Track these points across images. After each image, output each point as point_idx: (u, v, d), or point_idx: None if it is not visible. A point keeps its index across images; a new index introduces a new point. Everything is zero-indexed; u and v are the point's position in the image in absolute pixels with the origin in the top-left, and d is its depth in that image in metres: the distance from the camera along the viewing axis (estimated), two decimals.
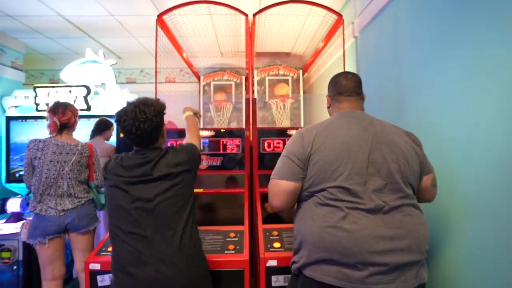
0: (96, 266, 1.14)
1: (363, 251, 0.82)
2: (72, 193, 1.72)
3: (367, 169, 0.91)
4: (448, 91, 1.23)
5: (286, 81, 4.09)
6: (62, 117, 1.74)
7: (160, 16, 2.25)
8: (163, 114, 1.14)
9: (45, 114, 1.99)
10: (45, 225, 1.65)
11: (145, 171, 1.05)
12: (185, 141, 1.31)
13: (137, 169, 1.05)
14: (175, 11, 2.26)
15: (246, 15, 2.25)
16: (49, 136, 1.76)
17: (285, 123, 3.95)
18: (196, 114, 1.55)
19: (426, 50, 1.39)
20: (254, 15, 2.23)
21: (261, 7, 2.27)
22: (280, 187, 0.98)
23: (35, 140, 1.71)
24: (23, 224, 1.78)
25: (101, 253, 1.22)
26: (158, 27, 2.25)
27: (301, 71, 4.04)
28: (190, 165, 1.12)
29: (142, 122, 1.04)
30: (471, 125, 1.09)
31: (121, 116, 1.06)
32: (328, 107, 1.17)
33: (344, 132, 0.96)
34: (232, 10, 2.25)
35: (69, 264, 2.35)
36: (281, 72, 4.09)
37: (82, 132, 2.42)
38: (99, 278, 1.16)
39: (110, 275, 1.12)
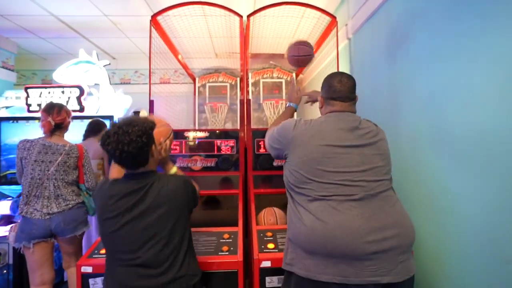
0: (88, 269, 1.12)
1: (356, 242, 0.85)
2: (59, 194, 1.68)
3: (355, 167, 0.95)
4: (441, 92, 1.24)
5: (280, 84, 4.15)
6: (57, 117, 1.73)
7: (154, 16, 2.24)
8: (150, 133, 1.04)
9: (37, 115, 1.96)
10: (30, 228, 1.60)
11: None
12: None
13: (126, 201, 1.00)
14: (169, 12, 2.25)
15: (241, 16, 2.25)
16: (40, 137, 1.75)
17: None
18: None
19: (419, 51, 1.41)
20: (249, 16, 2.23)
21: (256, 8, 2.28)
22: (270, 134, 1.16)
23: (24, 140, 1.70)
24: (11, 227, 1.75)
25: (94, 256, 1.20)
26: (152, 27, 2.24)
27: (294, 74, 4.09)
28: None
29: (126, 144, 0.96)
30: (465, 125, 1.11)
31: (105, 139, 1.00)
32: (320, 108, 1.19)
33: (332, 133, 1.01)
34: (227, 12, 2.25)
35: (61, 266, 2.32)
36: (275, 74, 4.17)
37: (75, 133, 2.39)
38: (91, 281, 1.15)
39: (103, 278, 1.11)
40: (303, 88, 4.17)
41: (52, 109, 1.73)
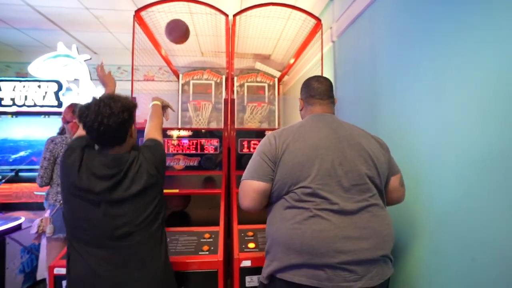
0: (61, 271, 1.08)
1: (331, 251, 0.85)
2: None
3: (335, 170, 0.93)
4: (421, 94, 1.28)
5: (263, 87, 4.22)
6: None
7: (137, 12, 2.19)
8: (132, 111, 1.02)
9: (8, 109, 1.91)
10: None
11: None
12: (146, 130, 1.22)
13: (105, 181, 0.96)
14: (153, 8, 2.21)
15: (227, 15, 2.24)
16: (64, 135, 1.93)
17: (262, 125, 4.06)
18: (165, 107, 1.47)
19: (400, 54, 1.45)
20: (235, 15, 2.23)
21: (242, 8, 2.28)
22: (251, 187, 0.98)
23: (55, 136, 1.90)
24: (41, 220, 1.77)
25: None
26: (135, 23, 2.19)
27: (276, 79, 4.23)
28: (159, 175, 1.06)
29: (106, 117, 0.92)
30: (443, 127, 1.14)
31: (83, 111, 0.94)
32: (301, 110, 1.20)
33: (313, 135, 0.99)
34: (213, 10, 2.24)
35: (33, 269, 2.22)
36: (258, 79, 4.27)
37: (54, 131, 2.30)
38: (64, 283, 1.11)
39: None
40: (289, 89, 4.21)
41: None
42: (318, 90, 1.11)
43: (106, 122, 0.92)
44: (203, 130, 2.18)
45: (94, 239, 0.94)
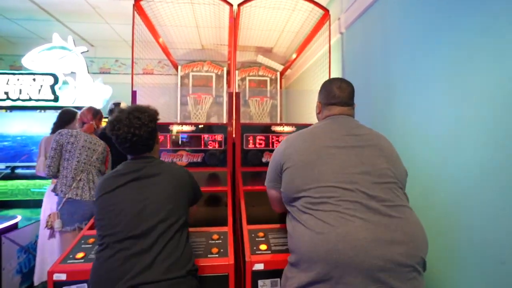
0: (61, 277, 1.01)
1: (360, 255, 0.76)
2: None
3: (356, 169, 0.87)
4: (435, 89, 1.23)
5: (265, 82, 4.13)
6: (98, 122, 2.06)
7: (137, 1, 2.08)
8: (157, 120, 1.13)
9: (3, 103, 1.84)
10: (83, 210, 1.76)
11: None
12: None
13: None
14: None
15: (231, 5, 2.14)
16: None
17: (264, 119, 3.98)
18: None
19: (414, 47, 1.39)
20: (239, 5, 2.13)
21: None
22: (270, 195, 1.12)
23: (67, 129, 1.90)
24: (50, 215, 1.79)
25: (68, 262, 1.08)
26: (135, 13, 2.08)
27: (278, 73, 4.15)
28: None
29: (137, 128, 1.02)
30: (458, 122, 1.10)
31: (114, 124, 1.03)
32: (318, 113, 1.14)
33: (324, 135, 0.96)
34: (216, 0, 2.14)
35: (31, 269, 2.15)
36: (260, 73, 4.17)
37: (50, 125, 2.20)
38: None
39: (79, 285, 1.00)
40: (293, 82, 4.12)
41: (97, 114, 2.06)
42: (339, 99, 1.05)
43: (138, 132, 1.03)
44: (205, 125, 2.10)
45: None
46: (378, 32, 1.72)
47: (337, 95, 1.05)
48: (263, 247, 1.20)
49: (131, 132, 1.01)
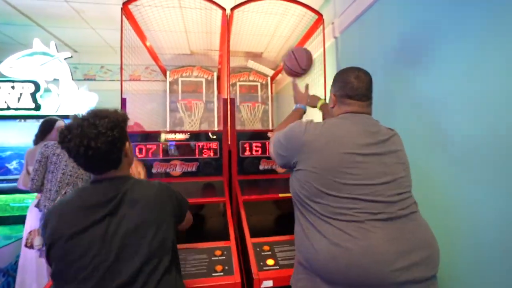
0: None
1: (384, 270, 0.72)
2: None
3: (377, 178, 0.82)
4: (439, 94, 1.21)
5: (256, 86, 4.10)
6: None
7: (125, 4, 2.00)
8: (124, 126, 0.87)
9: None
10: None
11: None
12: None
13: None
14: (140, 1, 2.03)
15: (224, 9, 2.09)
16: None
17: (256, 125, 3.93)
18: None
19: (413, 51, 1.37)
20: (232, 9, 2.08)
21: (238, 2, 2.13)
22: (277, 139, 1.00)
23: (55, 142, 1.79)
24: (30, 232, 1.66)
25: None
26: (123, 17, 1.99)
27: (269, 78, 4.10)
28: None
29: (92, 138, 0.78)
30: (460, 125, 1.09)
31: (64, 134, 0.79)
32: (332, 107, 1.03)
33: (350, 138, 0.87)
34: (208, 4, 2.08)
35: None
36: (251, 78, 4.13)
37: (31, 136, 2.06)
38: None
39: None
40: (284, 87, 4.10)
41: None
42: (357, 91, 0.95)
43: (94, 144, 0.78)
44: (199, 133, 2.02)
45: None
46: (376, 36, 1.71)
47: (355, 85, 0.94)
48: (270, 262, 1.13)
49: (83, 145, 0.77)
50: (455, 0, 1.13)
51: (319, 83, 2.27)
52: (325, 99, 2.08)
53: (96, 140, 0.78)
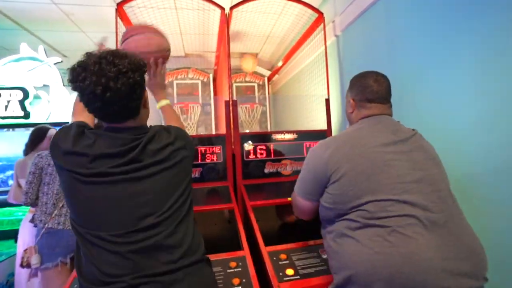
0: None
1: (429, 279, 0.67)
2: None
3: (410, 177, 0.78)
4: (447, 90, 1.18)
5: (253, 87, 4.04)
6: None
7: (120, 5, 1.91)
8: (144, 72, 0.77)
9: None
10: (66, 240, 1.51)
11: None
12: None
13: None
14: (133, 2, 1.95)
15: (223, 8, 2.03)
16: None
17: (254, 127, 3.88)
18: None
19: (417, 49, 1.35)
20: (231, 8, 2.02)
21: (235, 2, 2.07)
22: (297, 203, 1.01)
23: (45, 152, 1.65)
24: (26, 250, 1.52)
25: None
26: (118, 18, 1.90)
27: (266, 78, 4.06)
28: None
29: (112, 78, 0.66)
30: (465, 122, 1.08)
31: (78, 72, 0.67)
32: (351, 112, 1.00)
33: (375, 139, 0.84)
34: (206, 3, 2.01)
35: None
36: (247, 79, 4.09)
37: (20, 145, 1.94)
38: None
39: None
40: (282, 87, 4.04)
41: None
42: (377, 94, 0.92)
43: (113, 85, 0.67)
44: (202, 137, 1.95)
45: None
46: (381, 33, 1.68)
47: (375, 89, 0.92)
48: (289, 272, 1.07)
49: (101, 84, 0.66)
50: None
51: (321, 82, 2.23)
52: (328, 97, 2.03)
53: (116, 81, 0.67)
